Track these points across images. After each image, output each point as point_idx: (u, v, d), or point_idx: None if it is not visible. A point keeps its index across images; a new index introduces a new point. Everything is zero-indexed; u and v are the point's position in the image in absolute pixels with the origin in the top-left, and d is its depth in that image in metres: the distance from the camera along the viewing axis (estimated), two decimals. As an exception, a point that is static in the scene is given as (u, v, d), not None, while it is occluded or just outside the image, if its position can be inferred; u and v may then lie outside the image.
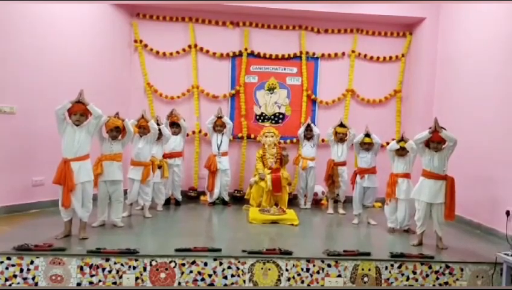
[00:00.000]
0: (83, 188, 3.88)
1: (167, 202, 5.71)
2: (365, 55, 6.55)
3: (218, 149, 5.83)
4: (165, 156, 5.49)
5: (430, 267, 3.60)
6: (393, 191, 4.56)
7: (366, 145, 4.96)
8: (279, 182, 5.62)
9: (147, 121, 4.83)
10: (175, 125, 5.70)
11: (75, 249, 3.55)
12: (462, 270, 3.60)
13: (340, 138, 5.61)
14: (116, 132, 4.34)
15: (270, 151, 5.84)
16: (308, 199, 5.99)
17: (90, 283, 3.39)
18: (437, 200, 3.98)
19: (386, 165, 4.87)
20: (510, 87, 4.48)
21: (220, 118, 5.80)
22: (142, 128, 4.85)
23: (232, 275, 3.49)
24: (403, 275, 3.58)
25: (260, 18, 6.39)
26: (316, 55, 6.50)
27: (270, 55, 6.44)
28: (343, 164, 5.66)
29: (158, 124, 5.08)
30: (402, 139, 4.59)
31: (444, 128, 3.96)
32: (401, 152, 4.58)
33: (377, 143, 4.98)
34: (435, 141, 3.98)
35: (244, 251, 3.58)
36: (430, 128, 3.95)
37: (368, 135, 4.97)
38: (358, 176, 5.06)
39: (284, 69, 6.53)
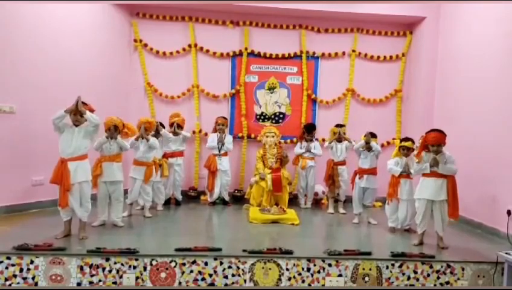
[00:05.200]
0: (80, 188, 3.86)
1: (167, 201, 5.70)
2: (365, 55, 6.54)
3: (219, 150, 5.81)
4: (166, 155, 5.50)
5: (431, 267, 3.59)
6: (395, 191, 4.54)
7: (368, 144, 4.94)
8: (279, 181, 5.61)
9: (147, 140, 4.77)
10: (177, 127, 5.66)
11: (75, 249, 3.54)
12: (463, 269, 3.60)
13: (339, 138, 5.62)
14: (115, 131, 4.33)
15: (270, 151, 5.82)
16: (308, 199, 5.98)
17: (90, 282, 3.39)
18: (439, 197, 3.97)
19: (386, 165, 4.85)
20: (511, 85, 4.47)
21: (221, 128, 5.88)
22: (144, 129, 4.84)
23: (233, 275, 3.49)
24: (403, 274, 3.58)
25: (260, 17, 6.38)
26: (316, 55, 6.49)
27: (271, 54, 6.43)
28: (343, 163, 5.66)
29: (158, 130, 5.19)
30: (407, 139, 4.57)
31: (443, 151, 3.98)
32: (406, 152, 4.56)
33: (377, 150, 4.96)
34: (435, 144, 3.96)
35: (244, 251, 3.58)
36: (430, 165, 3.94)
37: (371, 135, 4.94)
38: (357, 176, 5.05)
39: (284, 68, 6.52)
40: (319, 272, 3.53)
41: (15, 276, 3.33)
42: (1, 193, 4.78)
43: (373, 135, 4.97)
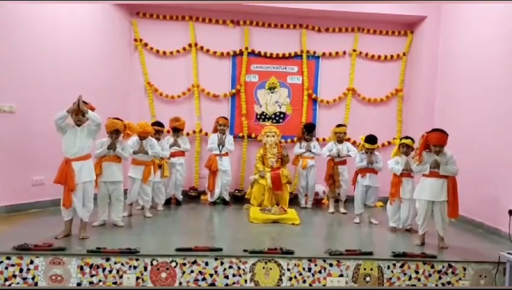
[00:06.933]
0: (84, 188, 3.86)
1: (168, 201, 5.69)
2: (366, 54, 6.53)
3: (220, 151, 5.80)
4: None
5: (432, 267, 3.58)
6: (397, 191, 4.53)
7: (370, 149, 4.93)
8: (278, 179, 5.58)
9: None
10: (177, 131, 5.67)
11: (75, 249, 3.53)
12: (464, 269, 3.58)
13: (339, 138, 5.63)
14: (116, 133, 4.32)
15: (271, 151, 5.80)
16: (309, 199, 5.96)
17: (90, 282, 3.37)
18: (440, 198, 3.94)
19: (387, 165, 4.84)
20: (511, 85, 4.47)
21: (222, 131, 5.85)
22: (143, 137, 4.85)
23: (234, 275, 3.47)
24: (405, 274, 3.56)
25: (261, 17, 6.37)
26: (316, 54, 6.48)
27: (271, 54, 6.42)
28: (343, 163, 5.65)
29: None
30: (407, 137, 4.56)
31: (445, 152, 3.97)
32: (406, 150, 4.55)
33: (378, 168, 4.97)
34: (437, 145, 3.94)
35: (245, 251, 3.56)
36: (431, 167, 3.93)
37: (370, 140, 4.92)
38: (359, 175, 5.04)
39: (285, 68, 6.50)
40: (320, 272, 3.51)
41: (15, 276, 3.32)
42: (1, 192, 4.77)
43: (372, 140, 4.93)
